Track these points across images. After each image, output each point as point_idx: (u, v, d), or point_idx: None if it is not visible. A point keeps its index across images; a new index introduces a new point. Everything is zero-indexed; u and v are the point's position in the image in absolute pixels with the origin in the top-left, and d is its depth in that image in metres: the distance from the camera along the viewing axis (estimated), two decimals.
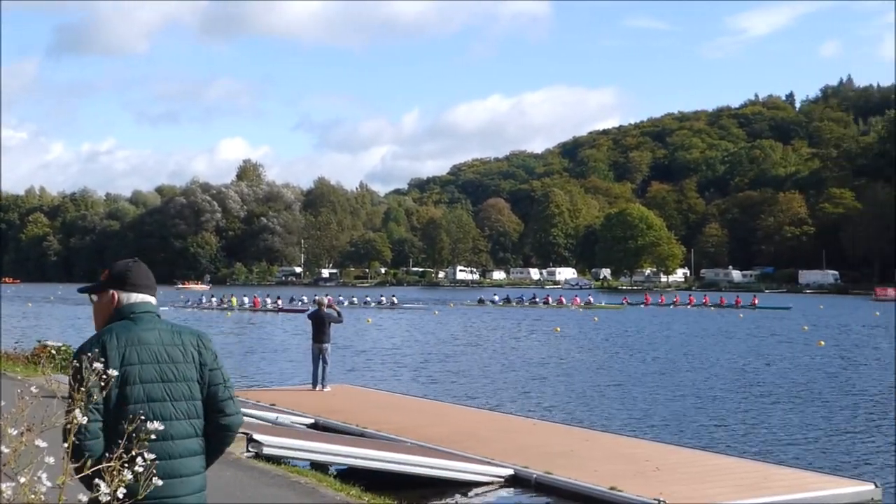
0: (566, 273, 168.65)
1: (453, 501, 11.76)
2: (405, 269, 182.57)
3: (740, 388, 24.82)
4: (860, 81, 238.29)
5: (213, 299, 76.52)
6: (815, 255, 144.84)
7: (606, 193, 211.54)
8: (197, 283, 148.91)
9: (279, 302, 73.51)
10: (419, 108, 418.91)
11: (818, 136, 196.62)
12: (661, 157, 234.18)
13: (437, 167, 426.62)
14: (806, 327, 52.72)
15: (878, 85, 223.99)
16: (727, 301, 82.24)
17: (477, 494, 12.11)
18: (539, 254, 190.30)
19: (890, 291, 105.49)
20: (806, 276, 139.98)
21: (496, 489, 12.29)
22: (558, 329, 50.00)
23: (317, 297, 23.48)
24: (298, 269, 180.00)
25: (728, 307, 77.97)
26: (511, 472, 12.51)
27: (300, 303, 75.53)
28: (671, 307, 79.78)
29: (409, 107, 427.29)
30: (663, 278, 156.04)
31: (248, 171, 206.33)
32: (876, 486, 11.96)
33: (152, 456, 2.99)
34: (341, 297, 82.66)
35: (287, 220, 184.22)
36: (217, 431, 3.81)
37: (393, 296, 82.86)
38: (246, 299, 75.06)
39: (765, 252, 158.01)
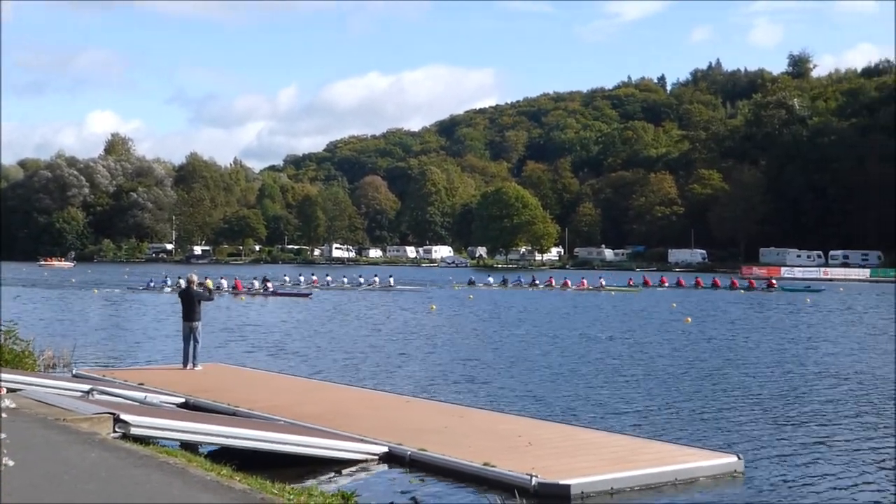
0: (442, 251, 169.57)
1: (327, 479, 11.65)
2: (280, 246, 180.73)
3: (610, 364, 25.29)
4: (728, 66, 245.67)
5: (182, 281, 64.17)
6: (684, 235, 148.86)
7: (483, 172, 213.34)
8: (61, 260, 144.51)
9: (269, 285, 63.00)
10: (296, 84, 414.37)
11: (688, 119, 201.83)
12: (537, 137, 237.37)
13: (313, 144, 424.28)
14: (674, 304, 54.15)
15: (746, 69, 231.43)
16: (753, 283, 77.90)
17: (351, 472, 12.04)
18: (416, 232, 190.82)
19: (756, 270, 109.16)
20: (675, 254, 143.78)
21: (370, 467, 12.24)
22: (434, 307, 50.18)
23: (187, 276, 22.93)
24: (170, 247, 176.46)
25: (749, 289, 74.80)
26: (385, 449, 12.50)
27: (293, 283, 69.21)
28: (684, 289, 75.72)
29: (285, 82, 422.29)
30: (538, 257, 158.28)
31: (116, 145, 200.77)
32: (738, 457, 12.37)
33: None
34: (329, 277, 74.78)
35: (158, 195, 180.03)
36: None
37: (390, 276, 74.32)
38: (224, 282, 64.35)
39: (636, 231, 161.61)
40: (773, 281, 78.76)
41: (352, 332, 35.02)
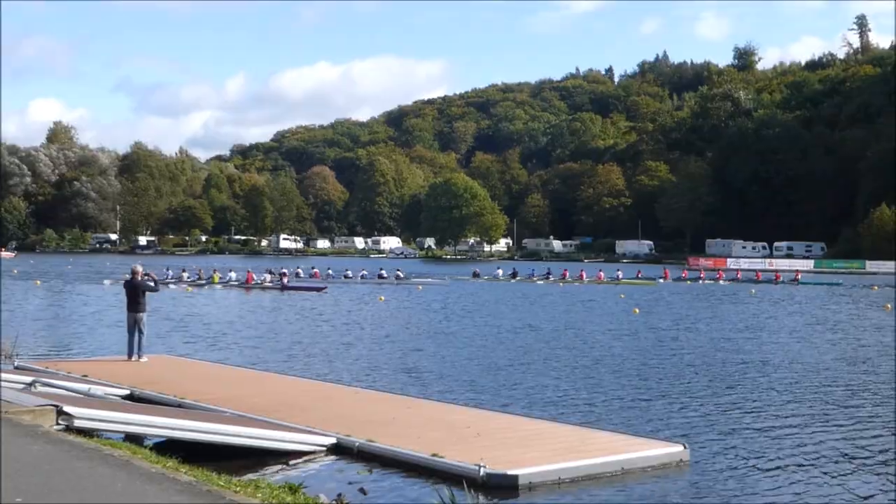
0: (391, 242, 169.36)
1: (274, 471, 11.58)
2: (227, 237, 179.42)
3: (560, 355, 25.40)
4: (675, 58, 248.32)
5: (185, 274, 60.47)
6: (632, 226, 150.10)
7: (431, 163, 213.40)
8: (1, 250, 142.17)
9: (284, 278, 59.07)
10: (244, 74, 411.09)
11: (635, 110, 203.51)
12: (485, 128, 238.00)
13: (261, 134, 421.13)
14: (623, 295, 54.54)
15: (692, 62, 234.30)
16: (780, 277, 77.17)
17: (299, 463, 11.97)
18: (364, 223, 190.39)
19: (702, 261, 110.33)
20: (622, 246, 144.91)
21: (318, 458, 12.18)
22: (382, 298, 50.07)
23: (131, 266, 22.56)
24: (114, 237, 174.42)
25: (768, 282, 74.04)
26: (333, 440, 12.44)
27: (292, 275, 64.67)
28: (705, 282, 74.54)
29: (233, 71, 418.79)
30: (487, 248, 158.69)
31: (59, 134, 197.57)
32: (684, 447, 12.47)
33: None
34: (330, 271, 70.90)
35: (102, 185, 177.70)
36: None
37: (397, 270, 70.20)
38: (233, 274, 62.18)
39: (584, 222, 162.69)
40: (800, 273, 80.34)
41: (297, 324, 34.86)
